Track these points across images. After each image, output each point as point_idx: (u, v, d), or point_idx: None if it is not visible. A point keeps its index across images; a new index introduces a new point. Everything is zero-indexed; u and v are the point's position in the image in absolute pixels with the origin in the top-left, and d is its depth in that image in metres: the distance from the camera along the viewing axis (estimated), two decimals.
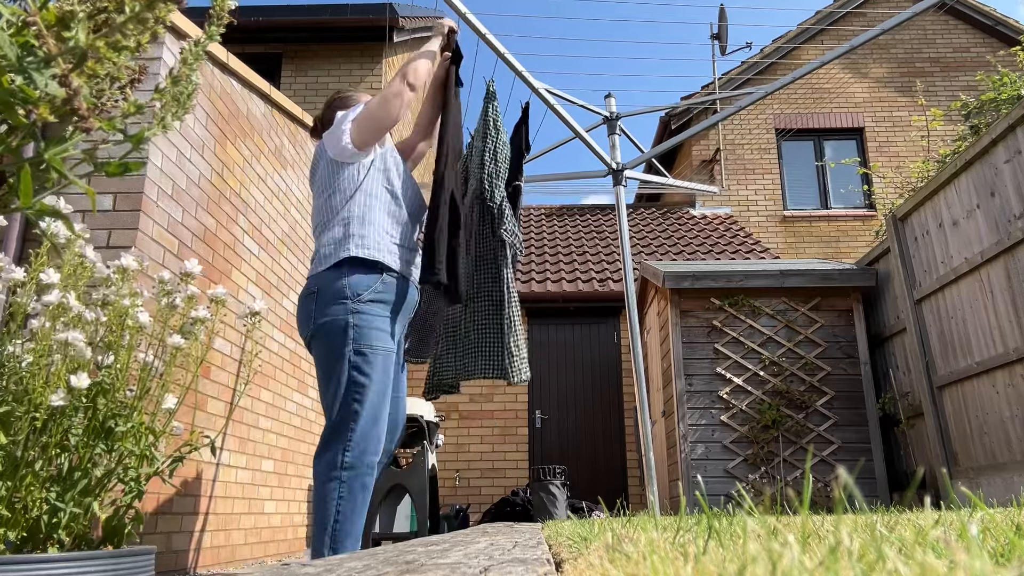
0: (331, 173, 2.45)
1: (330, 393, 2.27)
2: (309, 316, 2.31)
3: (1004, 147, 3.94)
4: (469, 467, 7.46)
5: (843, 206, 10.19)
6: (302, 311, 2.36)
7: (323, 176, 2.48)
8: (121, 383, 1.79)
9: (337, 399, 2.25)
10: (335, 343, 2.26)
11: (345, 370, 2.25)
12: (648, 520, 1.82)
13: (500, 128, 2.92)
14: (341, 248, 2.34)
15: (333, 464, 2.20)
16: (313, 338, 2.32)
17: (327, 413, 2.28)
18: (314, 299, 2.31)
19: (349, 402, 2.24)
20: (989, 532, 1.02)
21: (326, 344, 2.28)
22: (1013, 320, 3.87)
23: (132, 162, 0.80)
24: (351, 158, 2.44)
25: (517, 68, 3.30)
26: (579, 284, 7.84)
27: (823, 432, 5.26)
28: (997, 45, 10.46)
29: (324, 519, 2.16)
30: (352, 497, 2.18)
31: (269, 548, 4.03)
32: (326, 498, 2.17)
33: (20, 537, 1.61)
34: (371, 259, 2.34)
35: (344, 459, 2.20)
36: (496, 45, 3.16)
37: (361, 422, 2.24)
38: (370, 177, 2.46)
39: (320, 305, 2.29)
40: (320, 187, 2.49)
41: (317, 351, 2.33)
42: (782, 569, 0.51)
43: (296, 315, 2.43)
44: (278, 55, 8.36)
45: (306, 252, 4.87)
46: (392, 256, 2.40)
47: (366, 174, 2.46)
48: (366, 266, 2.34)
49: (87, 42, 0.69)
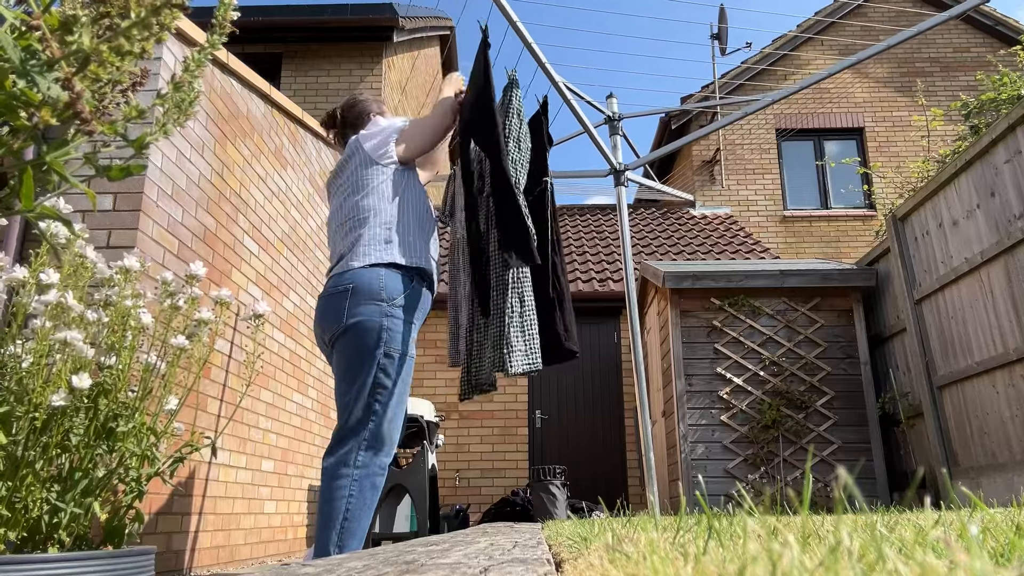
0: (366, 174, 2.51)
1: (353, 391, 2.28)
2: (340, 312, 2.32)
3: (1004, 147, 3.94)
4: (469, 467, 7.46)
5: (843, 206, 10.20)
6: (332, 306, 2.36)
7: (355, 175, 2.53)
8: (123, 383, 1.79)
9: (360, 398, 2.26)
10: (366, 343, 2.28)
11: (372, 371, 2.27)
12: (648, 520, 1.83)
13: (522, 117, 2.91)
14: (383, 250, 2.38)
15: (345, 462, 2.22)
16: (342, 335, 2.33)
17: (344, 410, 2.29)
18: (347, 296, 2.32)
19: (370, 402, 2.26)
20: (989, 532, 1.02)
21: (356, 343, 2.30)
22: (1013, 320, 3.87)
23: (134, 165, 0.80)
24: (390, 163, 2.53)
25: (541, 59, 3.28)
26: (579, 284, 7.84)
27: (823, 432, 5.26)
28: (997, 45, 10.46)
29: (332, 516, 2.18)
30: (362, 496, 2.20)
31: (269, 548, 4.03)
32: (335, 495, 2.19)
33: (20, 537, 1.61)
34: (411, 265, 2.40)
35: (358, 457, 2.22)
36: (524, 34, 3.14)
37: (379, 423, 2.27)
38: (409, 186, 2.55)
39: (353, 303, 2.31)
40: (351, 185, 2.53)
41: (343, 348, 2.33)
42: (782, 569, 0.51)
43: (321, 309, 2.42)
44: (278, 55, 8.36)
45: (306, 252, 4.87)
46: (426, 264, 2.48)
47: (404, 182, 2.54)
48: (402, 271, 2.38)
49: (90, 46, 0.70)
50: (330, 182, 2.67)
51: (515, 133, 2.83)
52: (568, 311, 2.89)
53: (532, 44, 3.20)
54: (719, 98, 10.24)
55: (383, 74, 8.32)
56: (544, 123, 3.11)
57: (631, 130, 38.79)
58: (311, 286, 4.93)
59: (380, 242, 2.39)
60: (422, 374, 7.66)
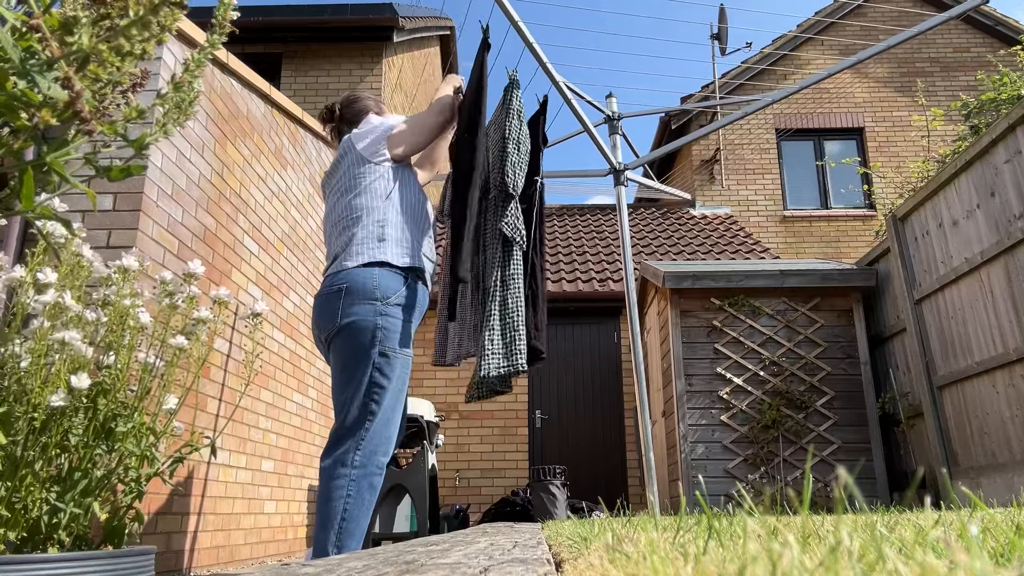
0: (359, 173, 2.50)
1: (349, 391, 2.28)
2: (335, 312, 2.32)
3: (1004, 147, 3.94)
4: (469, 467, 7.46)
5: (843, 206, 10.20)
6: (327, 306, 2.36)
7: (348, 174, 2.52)
8: (122, 383, 1.79)
9: (356, 398, 2.26)
10: (361, 342, 2.28)
11: (368, 370, 2.27)
12: (648, 520, 1.83)
13: (522, 118, 2.90)
14: (377, 249, 2.37)
15: (343, 462, 2.21)
16: (337, 334, 2.32)
17: (341, 410, 2.29)
18: (341, 296, 2.32)
19: (367, 402, 2.26)
20: (989, 532, 1.02)
21: (351, 343, 2.29)
22: (1013, 320, 3.87)
23: (134, 166, 0.80)
24: (383, 161, 2.52)
25: (542, 58, 3.28)
26: (579, 284, 7.84)
27: (823, 432, 5.26)
28: (997, 45, 10.46)
29: (330, 516, 2.17)
30: (360, 496, 2.20)
31: (269, 548, 4.03)
32: (333, 495, 2.18)
33: (20, 537, 1.61)
34: (404, 264, 2.40)
35: (355, 458, 2.21)
36: (526, 33, 3.14)
37: (376, 422, 2.26)
38: (403, 184, 2.54)
39: (347, 303, 2.30)
40: (344, 185, 2.52)
41: (339, 348, 2.33)
42: (782, 569, 0.51)
43: (317, 309, 2.42)
44: (278, 55, 8.36)
45: (306, 252, 4.87)
46: (419, 263, 2.47)
47: (398, 181, 2.53)
48: (396, 270, 2.38)
49: (90, 46, 0.70)
50: (324, 182, 2.66)
51: (514, 135, 2.82)
52: (541, 310, 2.88)
53: (533, 43, 3.20)
54: (719, 98, 10.24)
55: (383, 74, 8.32)
56: (541, 123, 3.10)
57: (631, 130, 38.75)
58: (311, 286, 4.93)
59: (373, 240, 2.38)
60: (422, 374, 7.66)
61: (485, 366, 2.59)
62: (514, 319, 2.68)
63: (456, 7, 37.60)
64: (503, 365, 2.62)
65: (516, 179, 2.77)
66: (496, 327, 2.65)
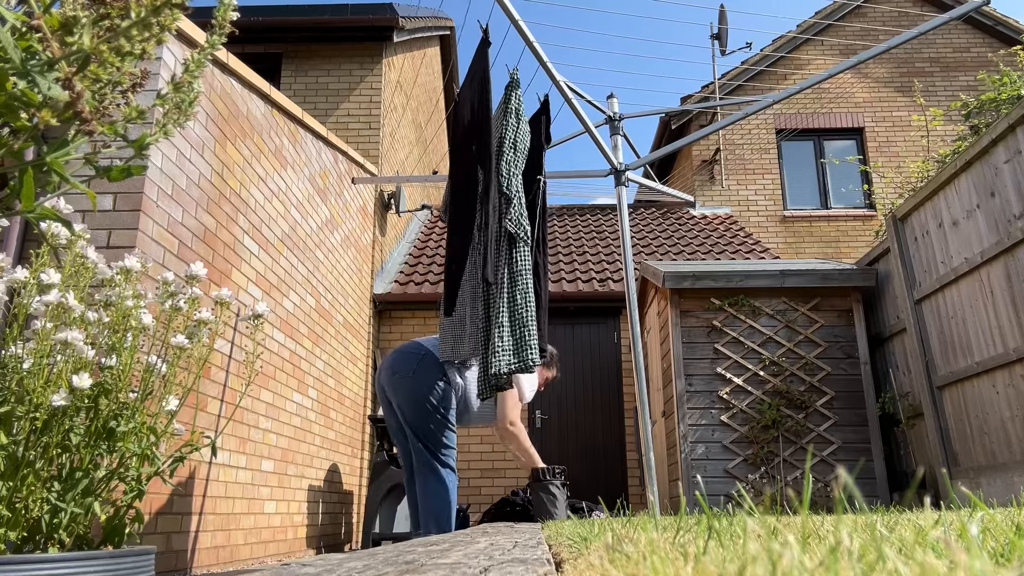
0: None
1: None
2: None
3: (1004, 147, 3.94)
4: (469, 467, 7.46)
5: (843, 206, 10.19)
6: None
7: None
8: (123, 384, 1.79)
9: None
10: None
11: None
12: (648, 520, 1.83)
13: (521, 117, 2.90)
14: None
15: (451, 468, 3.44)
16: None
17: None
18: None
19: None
20: (989, 532, 1.02)
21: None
22: (1013, 320, 3.87)
23: (134, 166, 0.80)
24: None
25: (543, 58, 3.29)
26: (579, 284, 7.84)
27: (823, 432, 5.26)
28: (997, 45, 10.46)
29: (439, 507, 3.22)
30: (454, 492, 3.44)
31: (269, 548, 4.03)
32: (446, 490, 3.24)
33: (20, 537, 1.61)
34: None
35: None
36: (527, 33, 3.14)
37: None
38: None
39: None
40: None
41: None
42: (782, 569, 0.51)
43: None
44: (278, 55, 8.36)
45: (306, 252, 4.87)
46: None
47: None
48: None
49: (91, 46, 0.70)
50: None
51: (511, 134, 2.83)
52: (543, 308, 2.89)
53: (534, 43, 3.20)
54: (719, 98, 10.24)
55: (383, 74, 8.32)
56: (543, 122, 3.11)
57: (631, 130, 38.71)
58: (311, 286, 4.93)
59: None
60: None
61: (496, 363, 2.58)
62: (523, 315, 2.67)
63: (456, 7, 37.59)
64: (513, 362, 2.62)
65: (510, 178, 2.77)
66: (505, 324, 2.65)
